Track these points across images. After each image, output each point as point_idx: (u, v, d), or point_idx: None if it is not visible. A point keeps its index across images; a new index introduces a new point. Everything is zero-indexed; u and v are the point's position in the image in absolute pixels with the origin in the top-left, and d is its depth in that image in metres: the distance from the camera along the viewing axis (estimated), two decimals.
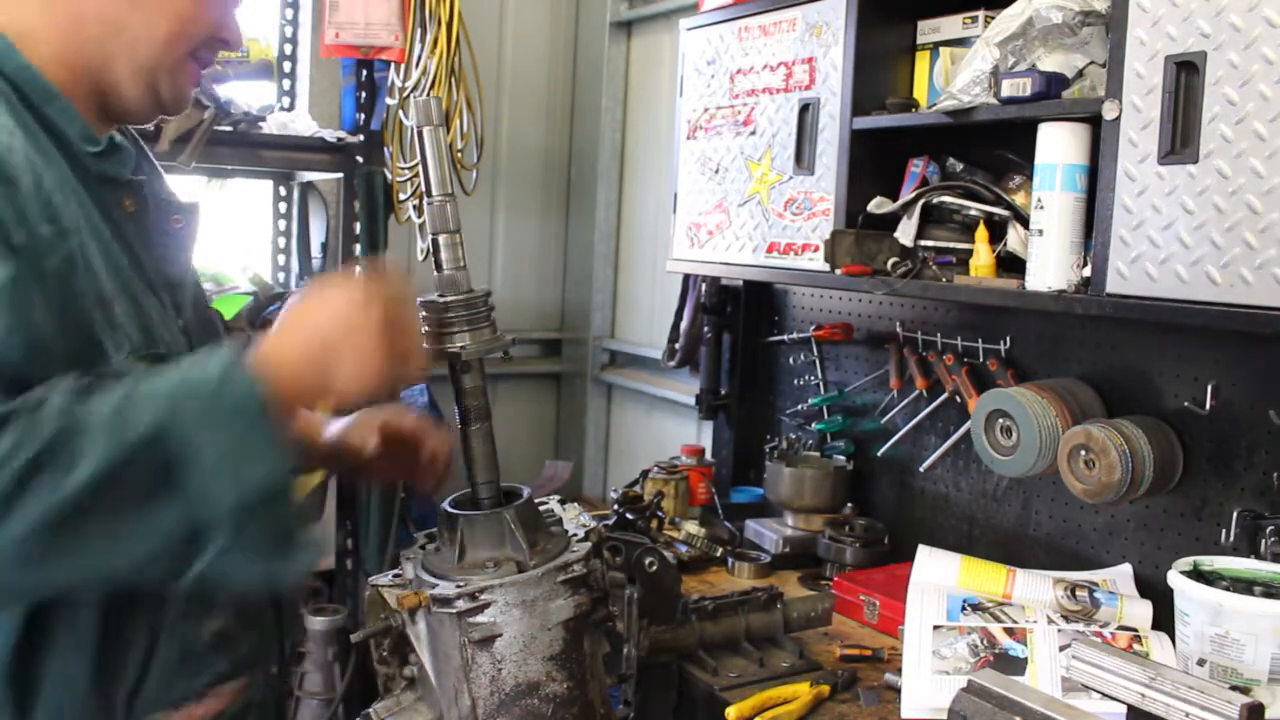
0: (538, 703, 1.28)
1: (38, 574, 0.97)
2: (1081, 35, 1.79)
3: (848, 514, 2.46)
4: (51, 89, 1.14)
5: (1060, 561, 2.10)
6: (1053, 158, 1.75)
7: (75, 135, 1.15)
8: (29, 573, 0.97)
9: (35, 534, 0.93)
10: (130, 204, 1.22)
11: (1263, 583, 1.56)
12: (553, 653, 1.29)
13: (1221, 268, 1.50)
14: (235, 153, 2.80)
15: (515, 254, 3.97)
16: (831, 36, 2.15)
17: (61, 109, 1.14)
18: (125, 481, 0.95)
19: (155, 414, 0.97)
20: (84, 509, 0.94)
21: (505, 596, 1.26)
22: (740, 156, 2.39)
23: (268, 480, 1.01)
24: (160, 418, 0.97)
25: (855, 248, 2.09)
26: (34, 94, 1.13)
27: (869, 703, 1.77)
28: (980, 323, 2.25)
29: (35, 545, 0.94)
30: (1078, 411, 1.97)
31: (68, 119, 1.14)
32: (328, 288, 1.13)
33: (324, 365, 1.08)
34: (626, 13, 3.75)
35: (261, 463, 1.01)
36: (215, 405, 0.99)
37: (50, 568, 0.97)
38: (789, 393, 2.76)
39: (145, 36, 1.18)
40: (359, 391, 1.10)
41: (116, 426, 0.95)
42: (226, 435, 0.99)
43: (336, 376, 1.09)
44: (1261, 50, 1.44)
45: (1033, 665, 1.71)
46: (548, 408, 4.13)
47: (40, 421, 0.94)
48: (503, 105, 3.84)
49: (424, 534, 1.41)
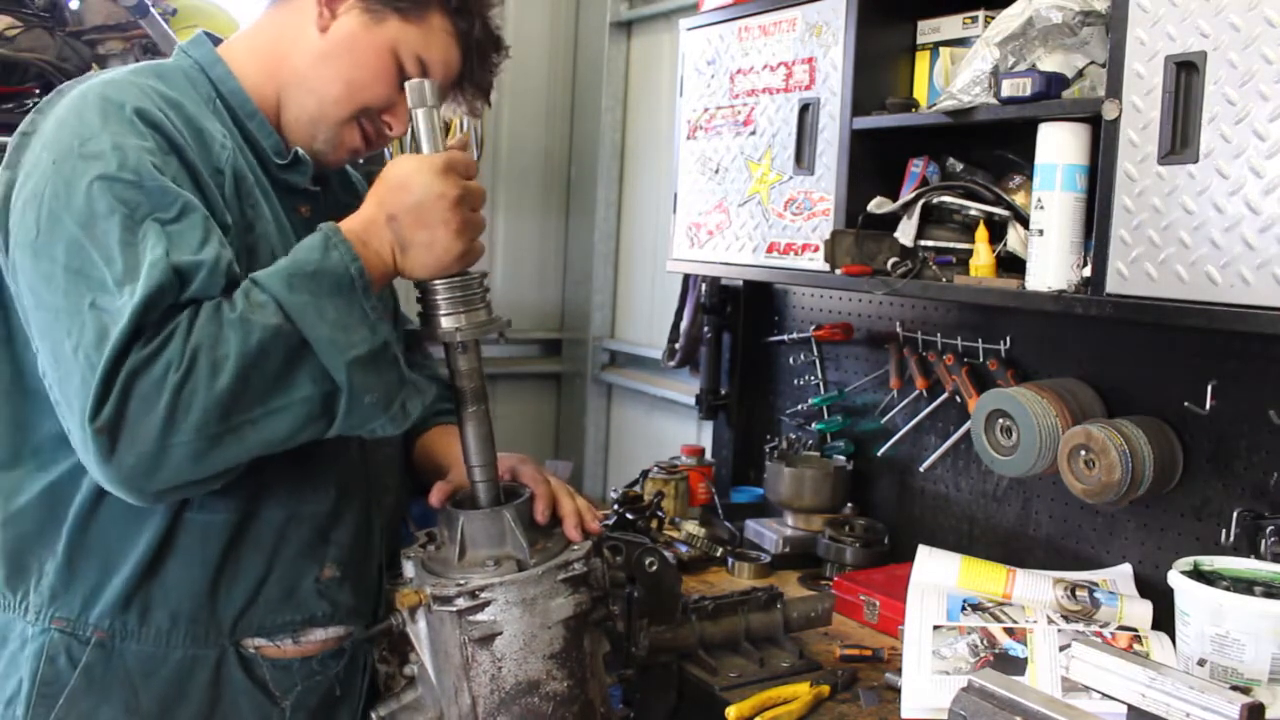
0: (538, 701, 1.28)
1: (213, 460, 1.12)
2: (1081, 35, 1.79)
3: (848, 514, 2.46)
4: (253, 107, 1.37)
5: (1060, 561, 2.10)
6: (1053, 158, 1.75)
7: (268, 147, 1.36)
8: (204, 462, 1.11)
9: (203, 427, 1.08)
10: (307, 210, 1.40)
11: (1263, 583, 1.56)
12: (553, 651, 1.29)
13: (1221, 268, 1.50)
14: None
15: (515, 254, 3.97)
16: (831, 36, 2.15)
17: (260, 124, 1.36)
18: (265, 366, 1.11)
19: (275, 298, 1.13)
20: (237, 395, 1.09)
21: (505, 595, 1.26)
22: (740, 156, 2.39)
23: (369, 344, 1.16)
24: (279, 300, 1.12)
25: (855, 248, 2.09)
26: (241, 110, 1.36)
27: (869, 703, 1.77)
28: (980, 323, 2.25)
29: (205, 438, 1.09)
30: (1078, 411, 1.97)
31: (264, 133, 1.36)
32: (407, 164, 1.24)
33: (408, 236, 1.22)
34: (626, 13, 3.76)
35: (361, 329, 1.16)
36: (318, 285, 1.15)
37: (223, 452, 1.11)
38: (789, 393, 2.76)
39: (320, 91, 1.37)
40: (439, 260, 1.23)
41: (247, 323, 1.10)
42: (332, 309, 1.14)
43: (419, 246, 1.22)
44: (1261, 50, 1.44)
45: (1033, 665, 1.71)
46: (548, 408, 4.13)
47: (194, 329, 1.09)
48: (503, 105, 3.84)
49: (424, 533, 1.41)
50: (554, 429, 4.13)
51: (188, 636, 1.28)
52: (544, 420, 4.12)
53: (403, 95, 1.32)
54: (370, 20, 1.36)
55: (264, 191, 1.33)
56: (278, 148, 1.37)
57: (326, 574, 1.36)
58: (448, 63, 1.41)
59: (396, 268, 1.24)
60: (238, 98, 1.36)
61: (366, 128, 1.41)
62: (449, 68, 1.42)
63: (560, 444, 4.11)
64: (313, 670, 1.37)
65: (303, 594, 1.34)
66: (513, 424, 4.02)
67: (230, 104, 1.36)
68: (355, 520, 1.40)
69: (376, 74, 1.37)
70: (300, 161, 1.38)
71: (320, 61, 1.37)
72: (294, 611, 1.34)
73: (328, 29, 1.37)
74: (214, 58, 1.38)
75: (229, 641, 1.31)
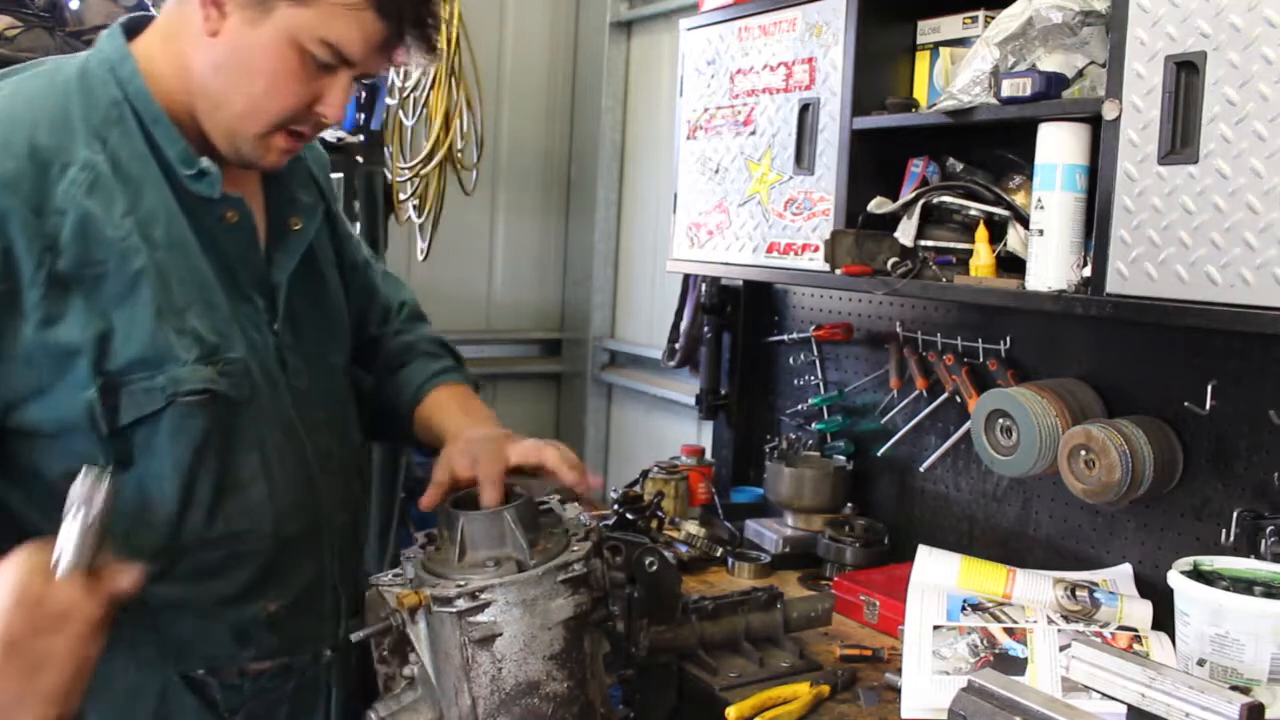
0: (538, 702, 1.28)
1: None
2: (1081, 35, 1.79)
3: (848, 514, 2.45)
4: (159, 113, 1.24)
5: (1060, 561, 2.10)
6: (1053, 158, 1.75)
7: (173, 157, 1.24)
8: None
9: None
10: (233, 215, 1.30)
11: (1263, 583, 1.56)
12: (553, 652, 1.29)
13: (1221, 268, 1.50)
14: None
15: (515, 254, 3.97)
16: (831, 36, 2.15)
17: (164, 131, 1.24)
18: None
19: None
20: None
21: (505, 596, 1.26)
22: (740, 156, 2.39)
23: None
24: None
25: (855, 248, 2.09)
26: (145, 115, 1.24)
27: (869, 703, 1.77)
28: (980, 323, 2.25)
29: None
30: (1078, 411, 1.97)
31: (169, 141, 1.24)
32: None
33: None
34: (626, 13, 3.76)
35: None
36: None
37: None
38: (789, 393, 2.76)
39: (226, 108, 1.24)
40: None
41: None
42: None
43: None
44: (1261, 50, 1.44)
45: (1033, 665, 1.71)
46: (548, 408, 4.13)
47: None
48: (503, 105, 3.85)
49: (424, 534, 1.41)
50: (554, 429, 4.13)
51: (131, 663, 1.25)
52: (544, 420, 4.12)
53: (331, 78, 1.22)
54: (257, 15, 1.19)
55: (167, 210, 1.22)
56: (184, 157, 1.25)
57: (273, 609, 1.33)
58: (366, 35, 1.22)
59: None
60: (142, 100, 1.24)
61: (297, 128, 1.27)
62: (369, 39, 1.22)
63: None
64: (263, 687, 1.34)
65: (249, 630, 1.32)
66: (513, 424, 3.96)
67: (135, 108, 1.24)
68: (302, 554, 1.37)
69: (279, 79, 1.21)
70: (206, 174, 1.25)
71: (216, 73, 1.22)
72: (239, 648, 1.31)
73: (218, 33, 1.21)
74: (123, 53, 1.25)
75: (174, 672, 1.28)
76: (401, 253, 3.52)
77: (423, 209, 3.17)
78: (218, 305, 1.27)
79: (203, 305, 1.25)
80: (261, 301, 1.34)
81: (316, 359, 1.41)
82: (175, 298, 1.22)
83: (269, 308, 1.35)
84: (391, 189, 3.06)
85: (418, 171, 3.09)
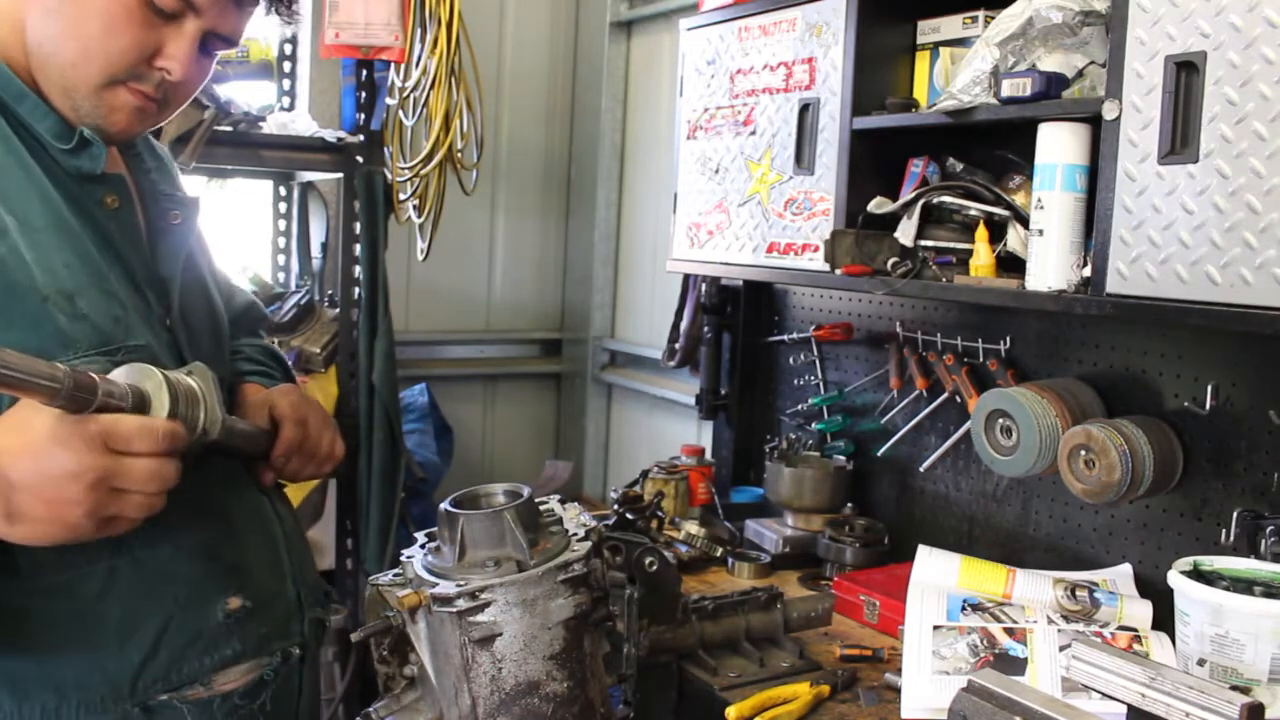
0: (538, 702, 1.28)
1: None
2: (1081, 35, 1.79)
3: (848, 514, 2.46)
4: (22, 89, 1.16)
5: (1060, 561, 2.10)
6: (1053, 158, 1.75)
7: (45, 132, 1.16)
8: None
9: None
10: (113, 200, 1.22)
11: (1263, 583, 1.56)
12: (553, 652, 1.29)
13: (1221, 268, 1.50)
14: (235, 153, 2.79)
15: (515, 254, 3.97)
16: (831, 36, 2.15)
17: (32, 107, 1.16)
18: None
19: None
20: None
21: (505, 596, 1.26)
22: (740, 156, 2.39)
23: None
24: None
25: (855, 248, 2.09)
26: (6, 93, 1.16)
27: (869, 703, 1.77)
28: (980, 323, 2.25)
29: None
30: (1078, 411, 1.97)
31: (38, 116, 1.16)
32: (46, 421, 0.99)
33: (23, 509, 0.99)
34: (626, 13, 3.75)
35: None
36: None
37: None
38: (789, 393, 2.76)
39: (56, 57, 1.15)
40: (55, 540, 1.02)
41: None
42: None
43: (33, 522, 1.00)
44: (1261, 50, 1.44)
45: (1033, 665, 1.71)
46: (548, 408, 4.12)
47: None
48: (503, 105, 3.84)
49: (424, 534, 1.41)
50: (554, 429, 4.13)
51: (81, 708, 1.16)
52: (544, 420, 4.12)
53: (175, 27, 1.15)
54: None
55: (39, 190, 1.14)
56: (57, 131, 1.17)
57: (233, 605, 1.27)
58: None
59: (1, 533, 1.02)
60: (2, 79, 1.15)
61: (138, 85, 1.18)
62: None
63: (560, 444, 4.11)
64: (235, 705, 1.30)
65: (210, 634, 1.25)
66: (513, 424, 4.02)
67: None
68: (255, 539, 1.34)
69: (114, 20, 1.13)
70: (87, 144, 1.17)
71: (48, 18, 1.13)
72: (200, 656, 1.25)
73: None
74: None
75: (131, 704, 1.19)
76: (401, 253, 3.52)
77: (423, 209, 3.17)
78: (115, 293, 1.19)
79: (96, 291, 1.16)
80: (152, 295, 1.26)
81: (208, 359, 1.30)
82: (63, 281, 1.12)
83: (160, 303, 1.28)
84: (391, 189, 3.06)
85: (418, 171, 3.09)
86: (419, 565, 1.34)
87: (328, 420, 1.45)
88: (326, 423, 1.44)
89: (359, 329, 2.97)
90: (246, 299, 1.66)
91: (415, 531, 1.43)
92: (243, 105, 2.88)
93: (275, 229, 3.48)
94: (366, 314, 2.97)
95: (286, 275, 3.49)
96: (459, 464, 3.61)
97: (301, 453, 1.40)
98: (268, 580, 1.35)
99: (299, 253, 3.47)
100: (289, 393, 1.44)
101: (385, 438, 2.97)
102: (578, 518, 1.44)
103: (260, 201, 3.47)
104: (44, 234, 1.13)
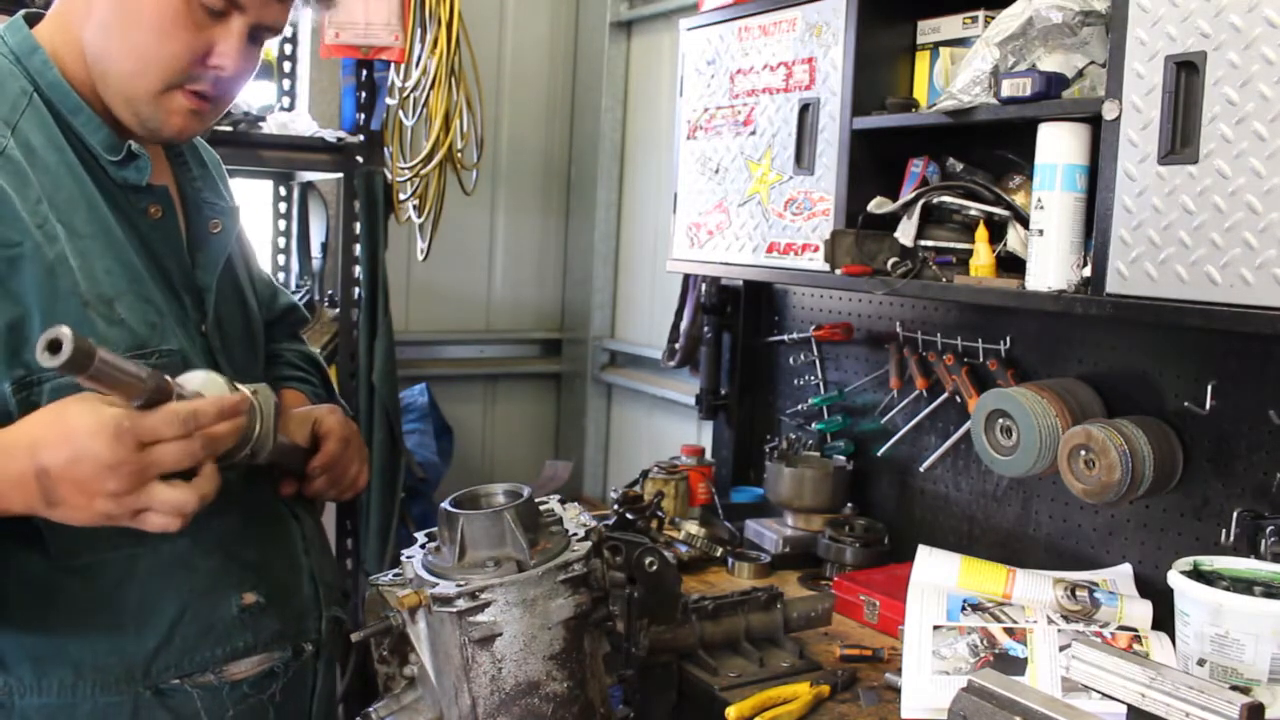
0: (538, 702, 1.28)
1: None
2: (1081, 35, 1.79)
3: (848, 514, 2.45)
4: (78, 103, 1.22)
5: (1060, 561, 2.10)
6: (1053, 158, 1.75)
7: (98, 144, 1.22)
8: None
9: None
10: (156, 210, 1.28)
11: (1263, 583, 1.56)
12: (553, 652, 1.29)
13: (1221, 268, 1.50)
14: (235, 153, 2.79)
15: (515, 254, 3.97)
16: (831, 36, 2.15)
17: (86, 120, 1.22)
18: None
19: None
20: None
21: (505, 596, 1.26)
22: (740, 156, 2.39)
23: None
24: None
25: (855, 248, 2.09)
26: (64, 107, 1.22)
27: (869, 703, 1.77)
28: (980, 323, 2.25)
29: None
30: (1078, 411, 1.97)
31: (91, 129, 1.22)
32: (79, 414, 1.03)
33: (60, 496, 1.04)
34: (626, 13, 3.75)
35: None
36: None
37: None
38: (789, 393, 2.76)
39: (115, 69, 1.21)
40: (88, 522, 1.06)
41: None
42: None
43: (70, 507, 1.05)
44: (1261, 50, 1.44)
45: (1033, 665, 1.71)
46: (548, 408, 4.13)
47: None
48: (503, 105, 3.84)
49: (424, 534, 1.41)
50: (554, 429, 4.13)
51: (96, 686, 1.21)
52: (544, 420, 4.12)
53: (223, 26, 1.19)
54: None
55: (88, 199, 1.19)
56: (109, 143, 1.23)
57: (248, 600, 1.30)
58: None
59: (40, 515, 1.07)
60: (58, 91, 1.21)
61: (194, 86, 1.23)
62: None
63: (560, 444, 4.11)
64: (244, 694, 1.32)
65: (223, 626, 1.28)
66: (513, 424, 4.02)
67: (50, 99, 1.21)
68: (273, 537, 1.36)
69: (165, 27, 1.17)
70: (134, 157, 1.24)
71: (104, 34, 1.19)
72: (213, 646, 1.28)
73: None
74: (31, 45, 1.22)
75: (143, 686, 1.23)
76: (401, 253, 3.52)
77: (423, 209, 3.17)
78: (152, 299, 1.24)
79: (134, 297, 1.21)
80: (189, 301, 1.31)
81: (242, 365, 1.39)
82: (103, 287, 1.18)
83: (197, 309, 1.32)
84: (391, 189, 3.06)
85: (418, 171, 3.09)
86: (419, 565, 1.34)
87: (364, 450, 1.50)
88: (362, 452, 1.49)
89: (359, 329, 2.97)
90: (288, 302, 1.69)
91: (415, 531, 1.44)
92: (243, 105, 2.88)
93: (275, 229, 3.48)
94: (366, 314, 2.97)
95: (286, 275, 3.49)
96: (459, 464, 3.61)
97: (333, 472, 1.44)
98: (284, 577, 1.37)
99: (299, 253, 3.47)
100: (335, 411, 1.49)
101: (385, 438, 2.97)
102: (578, 518, 1.44)
103: (260, 201, 3.47)
104: (89, 241, 1.18)
